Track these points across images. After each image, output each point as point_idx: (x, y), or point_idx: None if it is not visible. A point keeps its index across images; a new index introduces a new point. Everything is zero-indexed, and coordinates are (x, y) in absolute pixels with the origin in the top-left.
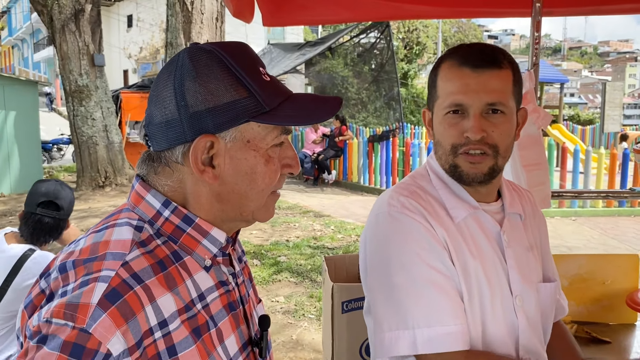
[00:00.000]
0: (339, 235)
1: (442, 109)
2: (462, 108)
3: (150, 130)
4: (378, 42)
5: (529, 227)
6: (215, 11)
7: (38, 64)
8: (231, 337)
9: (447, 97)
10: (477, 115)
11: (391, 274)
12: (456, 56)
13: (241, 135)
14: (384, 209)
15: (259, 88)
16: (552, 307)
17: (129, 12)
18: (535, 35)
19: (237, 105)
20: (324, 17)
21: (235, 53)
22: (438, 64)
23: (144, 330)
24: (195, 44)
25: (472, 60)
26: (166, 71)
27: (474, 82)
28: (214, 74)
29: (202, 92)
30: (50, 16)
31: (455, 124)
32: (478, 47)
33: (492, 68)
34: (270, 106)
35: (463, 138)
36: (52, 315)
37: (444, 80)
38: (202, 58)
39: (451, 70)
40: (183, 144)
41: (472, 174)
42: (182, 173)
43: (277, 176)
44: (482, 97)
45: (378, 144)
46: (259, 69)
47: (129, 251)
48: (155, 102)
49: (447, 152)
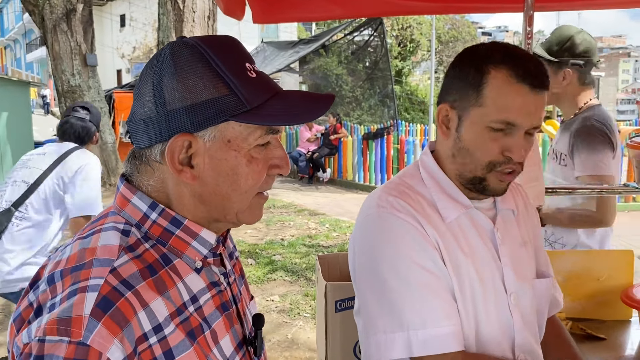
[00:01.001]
0: (334, 233)
1: (487, 120)
2: (512, 128)
3: (131, 127)
4: (372, 40)
5: (522, 222)
6: (207, 9)
7: (31, 64)
8: (226, 337)
9: (500, 112)
10: (523, 137)
11: (382, 275)
12: (514, 67)
13: (221, 135)
14: (372, 210)
15: (241, 85)
16: (546, 303)
17: (122, 12)
18: (528, 30)
19: (216, 103)
20: (315, 14)
21: (220, 48)
22: (485, 66)
23: (137, 336)
24: (181, 37)
25: (533, 78)
26: (149, 66)
27: (532, 105)
28: (194, 70)
29: (180, 89)
30: (41, 16)
31: (497, 139)
32: (534, 63)
33: (545, 90)
34: (252, 104)
35: (502, 157)
36: (45, 332)
37: (498, 92)
38: (184, 53)
39: (508, 83)
40: (161, 142)
41: (498, 189)
42: (162, 172)
43: (262, 177)
44: (534, 120)
45: (372, 142)
46: (245, 64)
47: (117, 257)
48: (137, 98)
49: (480, 166)
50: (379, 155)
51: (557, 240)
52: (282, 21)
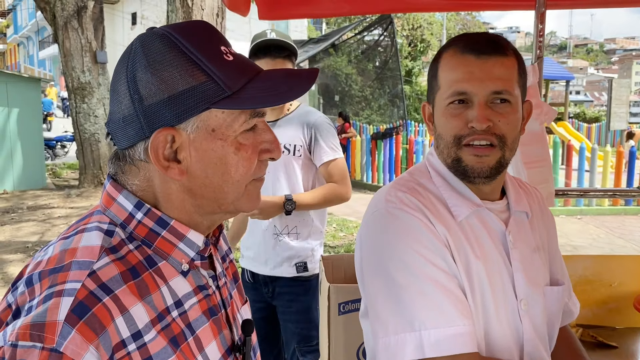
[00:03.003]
0: (340, 233)
1: (444, 100)
2: (467, 97)
3: (111, 127)
4: (382, 39)
5: (536, 226)
6: (215, 7)
7: (43, 61)
8: (212, 343)
9: (450, 86)
10: (482, 104)
11: (391, 273)
12: (459, 44)
13: (204, 125)
14: (381, 206)
15: (218, 70)
16: (559, 312)
17: (133, 10)
18: (539, 27)
19: (194, 92)
20: (322, 10)
21: (192, 34)
22: (439, 54)
23: (114, 343)
24: (150, 28)
25: (476, 47)
26: (121, 63)
27: (478, 70)
28: (167, 60)
29: (155, 82)
30: (53, 13)
31: (459, 114)
32: (481, 34)
33: (497, 55)
34: (232, 89)
35: (467, 129)
36: (18, 337)
37: (446, 69)
38: (155, 44)
39: (454, 58)
40: (143, 140)
41: (477, 168)
42: (148, 171)
43: (253, 164)
44: (488, 84)
45: (381, 142)
46: (220, 48)
47: (97, 259)
48: (113, 98)
49: (449, 144)
50: (387, 155)
51: (289, 232)
52: (288, 17)
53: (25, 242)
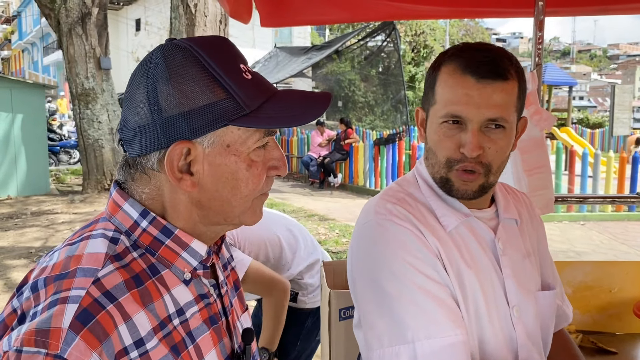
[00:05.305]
0: (343, 239)
1: (438, 117)
2: (461, 120)
3: (125, 135)
4: (385, 45)
5: (525, 232)
6: (219, 14)
7: (48, 67)
8: (212, 352)
9: (446, 105)
10: (475, 131)
11: (383, 284)
12: (460, 60)
13: (220, 140)
14: (370, 217)
15: (238, 88)
16: (552, 317)
17: (137, 16)
18: (538, 34)
19: (214, 108)
20: (323, 17)
21: (213, 50)
22: (439, 64)
23: (117, 350)
24: (170, 39)
25: (478, 70)
26: (139, 72)
27: (477, 94)
28: (189, 74)
29: (176, 95)
30: (57, 20)
31: (452, 135)
32: (484, 53)
33: (498, 80)
34: (250, 107)
35: (459, 154)
36: (23, 343)
37: (444, 85)
38: (177, 57)
39: (453, 76)
40: (158, 150)
41: (462, 190)
42: (159, 180)
43: (262, 181)
44: (484, 112)
45: (384, 147)
46: (240, 66)
47: (102, 266)
48: (128, 105)
49: (441, 164)
50: (390, 161)
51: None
52: (290, 25)
53: (29, 248)
